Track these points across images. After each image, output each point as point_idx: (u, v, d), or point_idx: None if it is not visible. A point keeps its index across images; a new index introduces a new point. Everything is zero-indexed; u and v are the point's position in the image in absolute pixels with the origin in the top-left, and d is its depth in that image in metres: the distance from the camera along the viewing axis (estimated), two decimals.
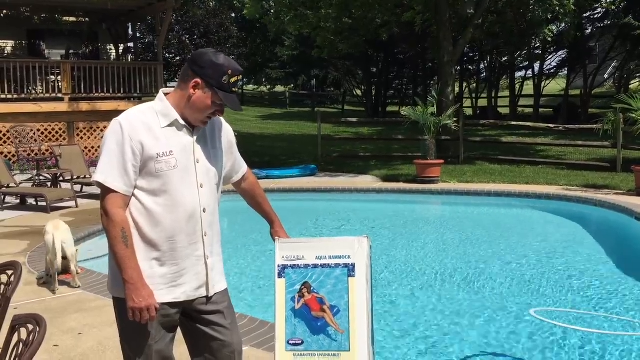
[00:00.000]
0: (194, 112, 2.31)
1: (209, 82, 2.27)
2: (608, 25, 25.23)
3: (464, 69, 31.25)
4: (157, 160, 2.26)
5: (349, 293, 2.46)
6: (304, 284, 2.49)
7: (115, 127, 2.26)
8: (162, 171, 2.26)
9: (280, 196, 10.98)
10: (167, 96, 2.36)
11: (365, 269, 2.47)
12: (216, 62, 2.27)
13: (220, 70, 2.27)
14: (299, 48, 32.56)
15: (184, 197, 2.30)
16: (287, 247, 2.54)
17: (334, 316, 2.46)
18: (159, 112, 2.32)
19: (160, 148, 2.27)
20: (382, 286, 5.82)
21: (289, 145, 19.05)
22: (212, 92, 2.28)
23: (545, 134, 17.20)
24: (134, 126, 2.26)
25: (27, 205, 9.66)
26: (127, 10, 16.95)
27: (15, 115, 13.73)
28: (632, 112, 10.54)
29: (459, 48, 15.91)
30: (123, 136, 2.24)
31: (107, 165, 2.24)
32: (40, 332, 1.91)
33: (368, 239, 2.53)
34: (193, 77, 2.29)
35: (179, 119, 2.32)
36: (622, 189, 10.12)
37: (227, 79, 2.28)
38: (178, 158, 2.29)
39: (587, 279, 6.17)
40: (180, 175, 2.30)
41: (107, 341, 4.10)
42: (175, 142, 2.30)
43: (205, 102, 2.29)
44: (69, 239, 5.34)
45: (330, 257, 2.49)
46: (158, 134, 2.28)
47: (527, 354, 4.30)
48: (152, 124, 2.29)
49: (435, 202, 11.03)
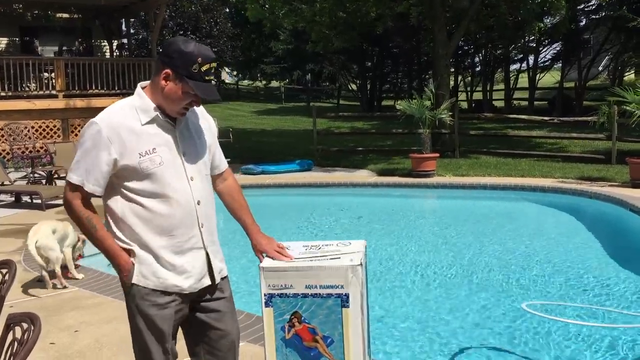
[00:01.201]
0: (169, 104, 2.26)
1: (179, 71, 2.21)
2: (602, 17, 25.25)
3: (458, 62, 31.24)
4: (141, 159, 2.23)
5: (343, 324, 2.32)
6: (294, 314, 2.34)
7: (93, 129, 2.23)
8: (149, 170, 2.24)
9: (275, 191, 10.98)
10: (144, 90, 2.31)
11: (360, 298, 2.31)
12: (184, 51, 2.20)
13: (189, 59, 2.19)
14: (294, 42, 32.49)
15: (176, 193, 2.28)
16: (273, 275, 2.35)
17: (328, 347, 2.34)
18: (139, 109, 2.27)
19: (143, 147, 2.23)
20: (375, 279, 5.83)
21: (284, 140, 19.03)
22: (182, 82, 2.22)
23: (541, 127, 17.22)
24: (113, 127, 2.22)
25: (22, 203, 9.63)
26: (121, 6, 16.88)
27: (9, 113, 13.68)
28: (626, 104, 10.57)
29: (453, 41, 15.89)
30: (101, 140, 2.21)
31: (79, 165, 2.25)
32: (35, 331, 1.91)
33: (364, 255, 2.42)
34: (163, 68, 2.23)
35: (159, 114, 2.27)
36: (616, 181, 10.15)
37: (198, 68, 2.20)
38: (162, 154, 2.25)
39: (581, 271, 6.20)
40: (169, 171, 2.27)
41: (104, 338, 4.10)
42: (158, 139, 2.27)
43: (177, 93, 2.23)
44: (49, 243, 5.22)
45: (321, 287, 2.31)
46: (139, 131, 2.24)
47: (520, 346, 4.31)
48: (132, 122, 2.24)
49: (430, 195, 11.05)
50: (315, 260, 2.39)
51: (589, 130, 13.14)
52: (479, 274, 6.19)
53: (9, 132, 13.20)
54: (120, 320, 4.42)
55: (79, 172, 2.25)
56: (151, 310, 2.30)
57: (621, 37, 25.25)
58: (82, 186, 2.25)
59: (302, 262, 2.38)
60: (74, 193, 2.28)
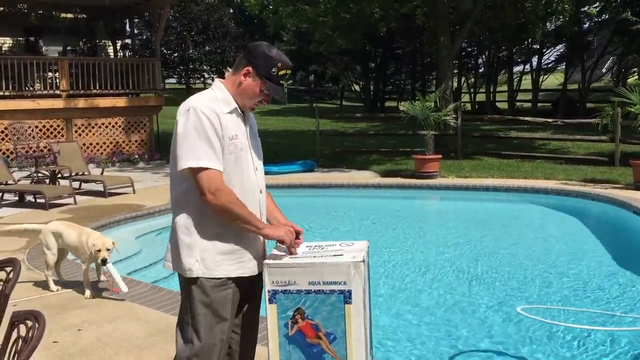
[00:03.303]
0: (243, 98, 2.48)
1: (259, 71, 2.44)
2: (606, 19, 25.22)
3: (462, 63, 31.23)
4: (230, 142, 2.40)
5: (346, 320, 2.35)
6: (297, 310, 2.38)
7: (197, 114, 2.35)
8: (232, 153, 2.41)
9: (278, 192, 10.93)
10: (222, 83, 2.51)
11: (362, 294, 2.35)
12: (268, 54, 2.45)
13: (271, 62, 2.44)
14: (297, 43, 32.53)
15: (249, 178, 2.48)
16: (277, 271, 2.39)
17: (330, 343, 2.36)
18: (221, 100, 2.45)
19: (230, 132, 2.41)
20: (377, 279, 5.83)
21: (287, 141, 19.04)
22: (261, 80, 2.45)
23: (544, 129, 17.20)
24: (212, 111, 2.37)
25: (25, 202, 9.65)
26: (124, 7, 16.90)
27: (13, 113, 13.70)
28: (630, 105, 10.54)
29: (457, 43, 15.89)
30: (209, 121, 2.34)
31: (201, 151, 2.33)
32: (39, 329, 1.91)
33: (366, 254, 2.44)
34: (246, 65, 2.46)
35: (237, 107, 2.48)
36: (620, 183, 10.13)
37: (276, 71, 2.46)
38: (242, 142, 2.46)
39: (584, 273, 6.19)
40: (246, 158, 2.47)
41: (106, 337, 4.11)
42: (238, 128, 2.46)
43: (254, 89, 2.47)
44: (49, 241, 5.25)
45: (324, 283, 2.35)
46: (223, 119, 2.41)
47: (519, 349, 4.31)
48: (218, 110, 2.41)
49: (433, 197, 11.04)
50: (319, 257, 2.42)
51: (592, 132, 13.12)
52: (481, 275, 6.18)
53: (12, 132, 13.23)
54: (122, 319, 4.43)
55: (206, 156, 2.33)
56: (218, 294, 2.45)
57: (624, 40, 25.22)
58: (216, 169, 2.35)
59: (306, 259, 2.42)
60: (216, 178, 2.34)
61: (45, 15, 17.42)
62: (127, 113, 15.30)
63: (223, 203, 2.33)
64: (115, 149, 15.12)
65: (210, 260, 2.41)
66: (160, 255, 6.75)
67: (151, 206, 8.88)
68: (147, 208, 8.80)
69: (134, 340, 4.04)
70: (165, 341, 3.98)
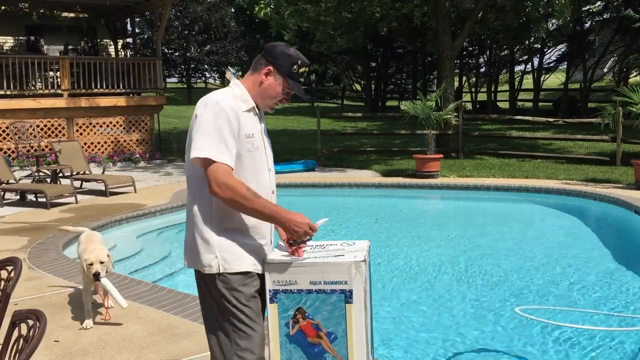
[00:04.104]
0: (264, 98, 2.49)
1: (281, 69, 2.46)
2: (607, 18, 25.19)
3: (463, 63, 31.22)
4: (247, 139, 2.40)
5: (347, 320, 2.35)
6: (298, 310, 2.38)
7: (216, 108, 2.35)
8: (249, 152, 2.40)
9: (279, 191, 10.87)
10: (241, 82, 2.52)
11: (363, 294, 2.35)
12: (287, 53, 2.48)
13: (291, 60, 2.47)
14: (298, 43, 32.51)
15: (263, 177, 2.48)
16: (278, 271, 2.38)
17: (331, 343, 2.36)
18: (239, 97, 2.45)
19: (247, 129, 2.41)
20: (378, 280, 5.83)
21: (288, 140, 19.04)
22: (282, 79, 2.47)
23: (545, 128, 17.19)
24: (231, 107, 2.37)
25: (27, 201, 9.66)
26: (126, 6, 16.90)
27: (15, 112, 13.71)
28: (632, 105, 10.53)
29: (458, 42, 15.88)
30: (227, 116, 2.34)
31: (214, 143, 2.31)
32: (40, 328, 1.91)
33: (367, 253, 2.44)
34: (266, 65, 2.47)
35: (255, 105, 2.48)
36: (621, 183, 10.12)
37: (297, 69, 2.48)
38: (258, 141, 2.45)
39: (586, 273, 6.18)
40: (260, 157, 2.47)
41: (107, 336, 4.11)
42: (255, 126, 2.46)
43: (275, 88, 2.48)
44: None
45: (325, 283, 2.35)
46: (241, 117, 2.41)
47: (519, 349, 4.31)
48: (237, 107, 2.41)
49: (434, 196, 11.04)
50: (320, 257, 2.42)
51: (593, 131, 13.12)
52: (481, 275, 6.18)
53: (14, 131, 13.24)
54: (123, 318, 4.43)
55: (220, 150, 2.31)
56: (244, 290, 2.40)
57: (626, 39, 25.20)
58: (225, 164, 2.32)
59: (307, 259, 2.42)
60: (223, 172, 2.31)
61: (47, 14, 17.41)
62: (128, 112, 15.31)
63: (231, 197, 2.29)
64: (116, 149, 15.13)
65: (230, 255, 2.37)
66: (162, 254, 6.80)
67: (152, 205, 8.88)
68: (148, 207, 8.81)
69: (135, 339, 4.05)
70: (166, 340, 3.99)
